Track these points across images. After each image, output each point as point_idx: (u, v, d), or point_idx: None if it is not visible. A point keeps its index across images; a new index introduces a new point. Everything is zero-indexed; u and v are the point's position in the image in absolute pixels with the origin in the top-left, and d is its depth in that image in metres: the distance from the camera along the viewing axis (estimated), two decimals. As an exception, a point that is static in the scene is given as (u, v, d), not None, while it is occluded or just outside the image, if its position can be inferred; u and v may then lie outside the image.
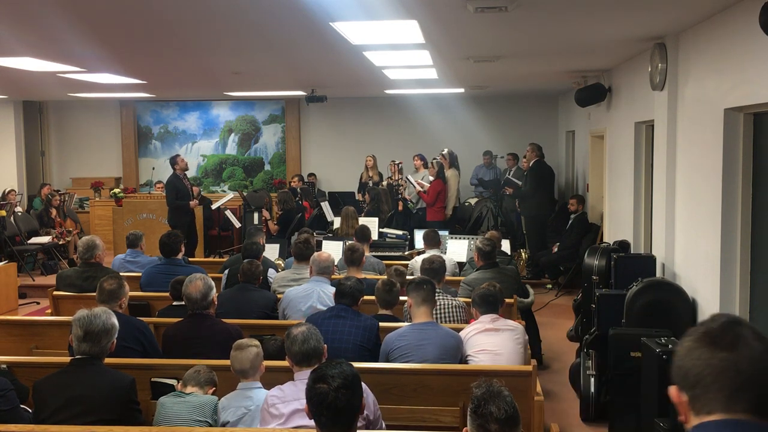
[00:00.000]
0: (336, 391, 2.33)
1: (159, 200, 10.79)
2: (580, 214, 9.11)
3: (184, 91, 11.66)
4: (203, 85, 10.32)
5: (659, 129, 5.77)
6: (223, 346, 3.97)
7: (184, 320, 4.16)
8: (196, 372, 3.38)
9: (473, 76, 8.75)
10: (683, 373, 1.28)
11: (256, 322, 4.68)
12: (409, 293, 4.14)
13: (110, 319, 3.33)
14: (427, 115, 12.50)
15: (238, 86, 10.39)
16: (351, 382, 2.38)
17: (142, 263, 6.33)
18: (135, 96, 12.15)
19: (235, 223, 9.97)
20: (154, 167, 13.27)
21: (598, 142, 9.05)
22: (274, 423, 2.98)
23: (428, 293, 4.09)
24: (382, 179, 11.04)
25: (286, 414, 2.96)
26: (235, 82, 9.44)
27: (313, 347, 3.13)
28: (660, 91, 5.67)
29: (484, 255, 5.49)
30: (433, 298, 4.15)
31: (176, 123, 13.63)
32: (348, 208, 7.98)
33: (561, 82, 9.70)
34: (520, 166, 10.71)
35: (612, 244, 6.37)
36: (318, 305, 4.77)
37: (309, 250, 5.51)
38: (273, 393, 3.08)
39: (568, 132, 11.65)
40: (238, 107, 13.49)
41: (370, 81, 9.27)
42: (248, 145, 13.62)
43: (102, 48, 6.11)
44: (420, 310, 4.07)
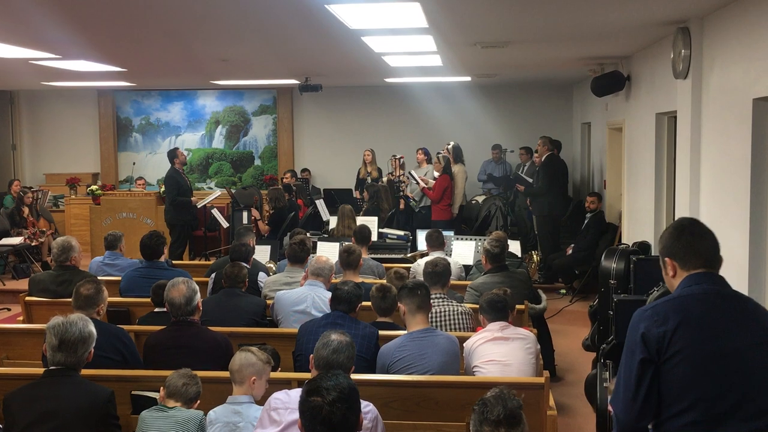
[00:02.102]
0: (331, 404, 2.33)
1: (140, 198, 10.79)
2: (597, 212, 9.11)
3: (167, 80, 11.65)
4: (188, 73, 10.32)
5: (682, 120, 5.77)
6: (210, 355, 3.98)
7: (167, 328, 4.15)
8: (183, 385, 3.35)
9: (481, 63, 8.75)
10: (675, 249, 2.52)
11: (244, 330, 4.69)
12: (402, 300, 4.14)
13: (87, 326, 3.33)
14: (430, 105, 12.50)
15: (225, 74, 10.38)
16: (348, 395, 2.38)
17: (122, 266, 6.33)
18: (114, 85, 12.14)
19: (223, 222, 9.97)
20: (135, 162, 13.27)
21: (616, 134, 9.05)
22: (271, 429, 2.99)
23: (423, 299, 4.09)
24: (382, 175, 11.04)
25: (285, 423, 2.97)
26: (223, 69, 9.44)
27: (341, 362, 3.15)
28: (683, 79, 5.67)
29: (493, 257, 5.49)
30: (428, 304, 4.15)
31: (159, 114, 13.64)
32: (345, 206, 7.98)
33: (576, 70, 9.70)
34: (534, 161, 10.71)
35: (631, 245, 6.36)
36: (312, 311, 4.77)
37: (304, 252, 5.51)
38: (278, 396, 3.09)
39: (584, 124, 11.65)
40: (226, 97, 13.50)
41: (369, 69, 9.26)
42: (237, 139, 13.63)
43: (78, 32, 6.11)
44: (416, 318, 4.07)
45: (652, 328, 2.39)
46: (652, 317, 2.41)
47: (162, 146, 13.49)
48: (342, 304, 4.21)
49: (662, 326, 2.38)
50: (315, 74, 10.14)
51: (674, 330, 2.36)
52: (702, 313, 2.38)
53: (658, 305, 2.45)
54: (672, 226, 2.58)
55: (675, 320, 2.37)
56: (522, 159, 11.22)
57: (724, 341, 2.35)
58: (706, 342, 2.35)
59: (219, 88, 13.13)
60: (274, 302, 4.99)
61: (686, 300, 2.42)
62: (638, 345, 2.40)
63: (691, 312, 2.39)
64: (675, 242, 2.52)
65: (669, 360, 2.36)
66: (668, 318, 2.39)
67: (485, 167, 11.98)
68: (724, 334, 2.36)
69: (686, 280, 2.47)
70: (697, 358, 2.34)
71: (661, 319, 2.39)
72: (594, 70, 9.07)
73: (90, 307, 4.08)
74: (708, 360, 2.34)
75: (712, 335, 2.36)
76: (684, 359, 2.35)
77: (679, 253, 2.50)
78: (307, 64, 9.05)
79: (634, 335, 2.43)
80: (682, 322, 2.37)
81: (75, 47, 6.98)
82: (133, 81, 11.32)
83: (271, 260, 6.90)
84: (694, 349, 2.34)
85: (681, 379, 2.34)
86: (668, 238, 2.54)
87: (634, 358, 2.40)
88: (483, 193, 11.66)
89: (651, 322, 2.40)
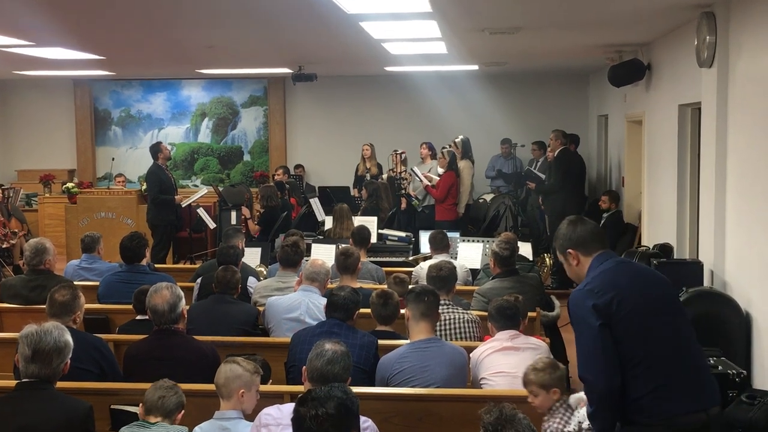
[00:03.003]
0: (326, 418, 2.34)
1: (119, 196, 10.79)
2: (614, 212, 9.12)
3: (149, 69, 11.65)
4: (171, 62, 10.32)
5: (707, 112, 5.77)
6: (196, 367, 3.98)
7: (149, 337, 4.16)
8: (159, 399, 3.32)
9: (489, 50, 8.75)
10: (575, 239, 3.14)
11: (233, 339, 4.69)
12: (407, 304, 4.15)
13: (63, 336, 3.33)
14: (434, 96, 12.50)
15: (212, 63, 10.38)
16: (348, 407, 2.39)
17: (100, 270, 6.33)
18: (91, 74, 12.14)
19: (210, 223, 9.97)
20: (114, 158, 13.27)
21: (635, 128, 9.05)
22: None
23: (430, 306, 4.09)
24: (382, 172, 11.04)
25: None
26: (209, 57, 9.44)
27: (336, 373, 3.17)
28: (708, 68, 5.67)
29: (502, 261, 5.49)
30: (436, 312, 4.15)
31: (140, 106, 13.63)
32: (341, 205, 7.98)
33: (592, 59, 9.71)
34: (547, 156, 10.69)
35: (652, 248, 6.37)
36: (306, 319, 4.77)
37: (297, 255, 5.52)
38: (269, 411, 3.10)
39: (601, 116, 11.65)
40: (213, 87, 13.50)
41: (368, 57, 9.26)
42: (224, 132, 13.63)
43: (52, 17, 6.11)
44: (419, 326, 4.07)
45: (597, 300, 2.95)
46: (592, 292, 2.98)
47: (143, 140, 13.49)
48: (338, 311, 4.21)
49: (604, 297, 2.95)
50: (309, 62, 10.14)
51: (613, 298, 2.95)
52: (627, 281, 3.03)
53: (591, 283, 3.02)
54: (564, 224, 3.22)
55: (611, 291, 2.97)
56: (534, 155, 11.22)
57: (649, 297, 3.03)
58: (639, 302, 2.99)
59: (205, 78, 13.13)
60: (265, 309, 4.99)
61: (608, 273, 3.04)
62: (592, 315, 2.94)
63: (619, 282, 3.01)
64: (572, 235, 3.15)
65: (619, 323, 2.93)
66: (605, 291, 2.97)
67: (494, 163, 11.98)
68: (647, 291, 3.05)
69: (595, 261, 3.10)
70: (639, 317, 2.97)
71: (600, 292, 2.97)
72: (612, 58, 9.07)
73: (66, 314, 4.08)
74: (648, 316, 2.98)
75: (641, 295, 3.01)
76: (631, 320, 2.94)
77: (579, 242, 3.14)
78: (300, 52, 9.05)
79: (583, 310, 2.97)
80: (617, 291, 2.97)
81: (49, 33, 6.98)
82: (111, 70, 11.32)
83: (261, 264, 6.90)
84: (635, 311, 2.97)
85: (633, 336, 2.94)
86: (565, 234, 3.18)
87: (593, 328, 2.93)
88: (491, 191, 11.65)
89: (592, 296, 2.97)
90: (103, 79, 13.03)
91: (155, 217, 9.57)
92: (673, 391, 2.93)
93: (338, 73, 12.39)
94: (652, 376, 2.93)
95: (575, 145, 10.36)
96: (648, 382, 2.92)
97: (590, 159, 12.10)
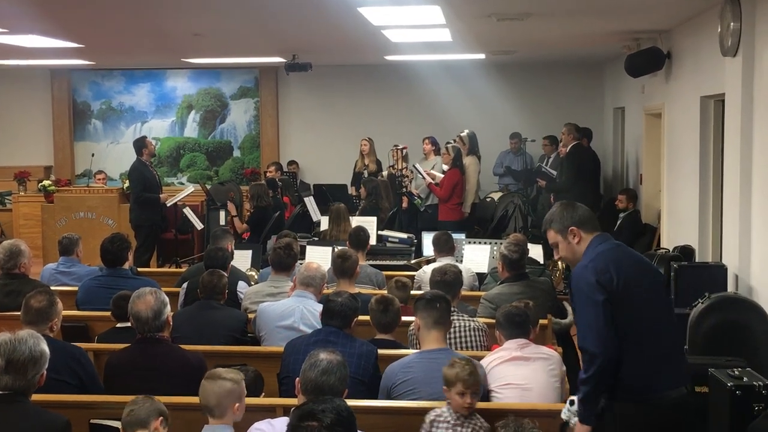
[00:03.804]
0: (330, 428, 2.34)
1: (100, 195, 10.78)
2: (632, 212, 9.12)
3: (132, 58, 11.65)
4: (156, 50, 10.31)
5: (731, 105, 5.77)
6: (182, 378, 3.98)
7: (131, 346, 4.15)
8: (129, 413, 3.24)
9: (497, 38, 8.74)
10: (576, 218, 3.52)
11: (221, 348, 4.69)
12: (417, 312, 4.15)
13: (39, 345, 3.32)
14: (438, 87, 12.49)
15: (199, 51, 10.38)
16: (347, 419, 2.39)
17: (79, 274, 6.33)
18: (70, 64, 12.14)
19: (197, 224, 9.97)
20: (94, 153, 13.24)
21: (654, 121, 9.06)
22: None
23: (442, 313, 4.10)
24: (382, 169, 11.03)
25: None
26: (196, 45, 9.43)
27: (332, 384, 3.18)
28: (732, 57, 5.67)
29: (511, 264, 5.49)
30: (448, 320, 4.16)
31: (122, 98, 13.63)
32: (338, 205, 7.98)
33: (608, 47, 9.71)
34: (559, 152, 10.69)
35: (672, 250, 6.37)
36: (301, 326, 4.77)
37: (291, 258, 5.51)
38: (260, 426, 3.10)
39: (617, 109, 11.65)
40: (200, 78, 13.49)
41: (367, 45, 9.26)
42: (212, 126, 13.63)
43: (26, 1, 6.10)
44: (431, 335, 4.08)
45: (600, 276, 3.35)
46: (595, 269, 3.37)
47: (125, 135, 13.48)
48: (335, 318, 4.21)
49: (606, 274, 3.35)
50: (304, 51, 10.13)
51: (614, 276, 3.35)
52: (627, 263, 3.47)
53: (594, 261, 3.41)
54: (559, 207, 3.62)
55: (613, 269, 3.38)
56: (545, 150, 11.21)
57: (644, 281, 3.48)
58: (637, 283, 3.42)
59: (192, 68, 13.12)
60: (257, 316, 4.99)
61: (608, 254, 3.46)
62: (596, 290, 3.33)
63: (620, 262, 3.43)
64: (573, 214, 3.55)
65: (620, 301, 3.33)
66: (607, 268, 3.37)
67: (502, 159, 11.97)
68: (642, 275, 3.50)
69: (594, 241, 3.51)
70: (636, 297, 3.39)
71: (603, 270, 3.37)
72: (629, 46, 9.07)
73: (42, 322, 4.08)
74: (643, 297, 3.41)
75: (637, 277, 3.45)
76: (630, 298, 3.36)
77: (581, 220, 3.54)
78: (294, 39, 9.05)
79: (588, 285, 3.35)
80: (618, 271, 3.39)
81: (23, 19, 6.97)
82: (91, 59, 11.32)
83: (252, 267, 6.90)
84: (633, 291, 3.39)
85: (628, 314, 3.34)
86: (565, 215, 3.56)
87: (597, 303, 3.33)
88: (499, 190, 11.64)
89: (596, 273, 3.35)
90: (82, 69, 13.03)
91: (138, 218, 9.56)
92: (659, 368, 3.38)
93: (335, 63, 12.39)
94: (641, 353, 3.37)
95: (588, 139, 10.36)
96: (636, 358, 3.35)
97: (606, 155, 12.09)
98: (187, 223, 10.15)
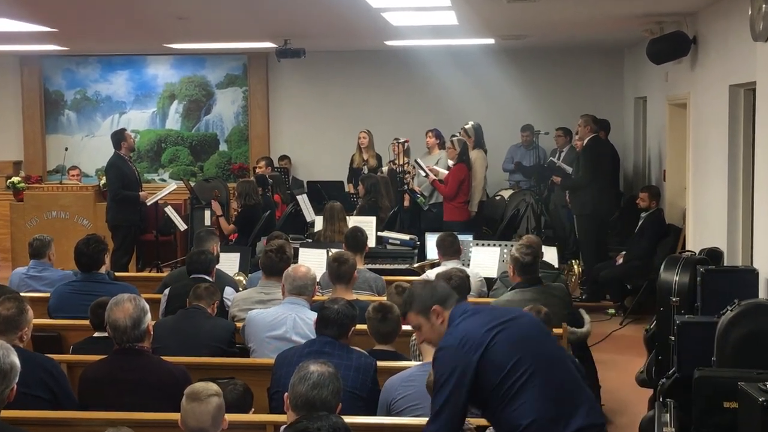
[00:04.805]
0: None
1: (74, 193, 10.78)
2: (654, 211, 9.11)
3: (109, 44, 11.64)
4: (135, 35, 10.30)
5: (763, 94, 5.77)
6: (164, 393, 3.98)
7: (108, 358, 4.15)
8: None
9: (507, 21, 8.74)
10: (437, 296, 3.51)
11: (207, 360, 4.69)
12: None
13: (8, 356, 3.32)
14: (443, 75, 12.49)
15: (182, 36, 10.37)
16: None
17: (51, 279, 6.34)
18: (41, 50, 12.13)
19: (180, 224, 9.97)
20: (68, 147, 13.21)
21: (679, 112, 9.06)
22: None
23: None
24: (382, 164, 11.03)
25: None
26: (179, 29, 9.43)
27: (324, 399, 3.18)
28: (764, 42, 5.67)
29: (523, 268, 5.49)
30: None
31: (98, 87, 13.62)
32: (334, 203, 7.98)
33: (628, 31, 9.70)
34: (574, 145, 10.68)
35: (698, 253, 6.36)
36: (293, 336, 4.77)
37: (283, 262, 5.51)
38: None
39: (638, 99, 11.64)
40: (184, 65, 13.49)
41: (366, 28, 9.26)
42: (197, 118, 13.62)
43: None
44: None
45: (460, 349, 3.27)
46: (462, 348, 3.27)
47: (102, 127, 13.48)
48: (330, 327, 4.21)
49: (465, 346, 3.28)
50: (297, 35, 10.13)
51: (476, 344, 3.27)
52: (482, 320, 3.38)
53: (459, 337, 3.32)
54: (417, 287, 3.63)
55: (473, 337, 3.30)
56: (558, 143, 11.20)
57: (521, 323, 3.46)
58: (513, 330, 3.37)
59: (174, 54, 13.12)
60: (245, 325, 4.98)
61: (467, 323, 3.38)
62: (461, 366, 3.25)
63: (477, 327, 3.34)
64: (434, 293, 3.54)
65: (495, 356, 3.27)
66: (466, 339, 3.30)
67: (512, 153, 11.97)
68: (517, 318, 3.49)
69: (456, 312, 3.44)
70: (519, 342, 3.35)
71: (474, 348, 3.27)
72: (651, 30, 9.07)
73: (11, 331, 4.08)
74: (527, 340, 3.38)
75: (513, 323, 3.41)
76: (510, 346, 3.30)
77: (441, 298, 3.51)
78: (286, 23, 9.05)
79: (452, 363, 3.27)
80: (478, 337, 3.30)
81: (-9, 1, 6.98)
82: (65, 44, 11.31)
83: (240, 272, 6.91)
84: (512, 339, 3.34)
85: (516, 363, 3.27)
86: (425, 294, 3.53)
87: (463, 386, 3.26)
88: (510, 187, 11.64)
89: (467, 352, 3.26)
90: (55, 55, 13.02)
91: (116, 217, 9.56)
92: (561, 412, 3.27)
93: (330, 48, 12.38)
94: (545, 396, 3.26)
95: (605, 132, 10.35)
96: (541, 402, 3.24)
97: (626, 149, 12.09)
98: (169, 223, 10.15)
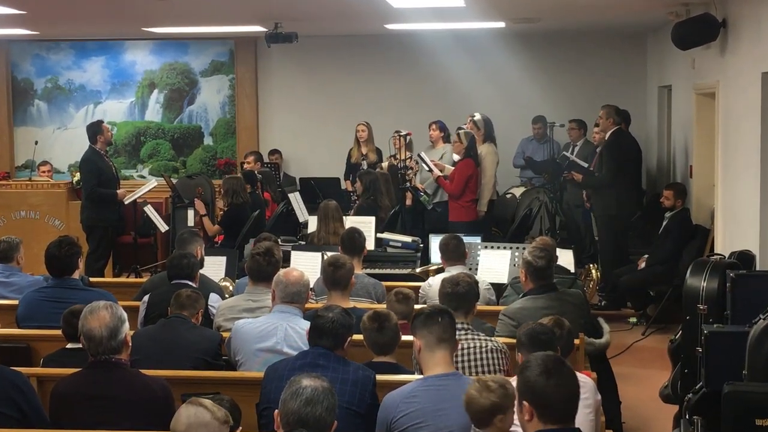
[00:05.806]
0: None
1: (45, 191, 10.78)
2: (680, 211, 9.12)
3: (83, 27, 11.63)
4: (111, 17, 10.30)
5: (799, 83, 5.77)
6: (143, 409, 3.97)
7: (82, 371, 4.15)
8: None
9: (518, 3, 8.74)
10: None
11: (190, 374, 4.69)
12: (416, 331, 4.13)
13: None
14: (448, 62, 12.50)
15: (163, 19, 10.37)
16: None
17: (20, 285, 6.33)
18: (8, 34, 12.13)
19: (160, 225, 9.97)
20: (38, 141, 13.22)
21: (707, 102, 9.06)
22: None
23: (446, 329, 4.08)
24: (382, 159, 11.03)
25: None
26: (160, 11, 9.43)
27: (318, 416, 3.19)
28: (800, 25, 5.67)
29: (536, 273, 5.48)
30: (453, 336, 4.15)
31: (70, 74, 13.61)
32: (329, 202, 7.98)
33: (651, 13, 9.70)
34: (590, 139, 10.67)
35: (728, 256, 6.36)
36: (284, 348, 4.77)
37: (272, 266, 5.51)
38: None
39: (662, 88, 11.64)
40: (165, 51, 13.48)
41: (364, 10, 9.26)
42: (179, 108, 13.62)
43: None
44: (435, 356, 4.06)
45: None
46: None
47: (75, 119, 13.47)
48: (325, 337, 4.21)
49: None
50: (288, 18, 10.12)
51: None
52: None
53: None
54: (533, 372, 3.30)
55: None
56: (572, 136, 11.19)
57: None
58: None
59: (155, 38, 13.11)
60: (232, 336, 4.99)
61: None
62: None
63: None
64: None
65: None
66: None
67: (524, 148, 11.96)
68: None
69: None
70: None
71: None
72: (676, 13, 9.06)
73: (-25, 342, 4.08)
74: None
75: None
76: None
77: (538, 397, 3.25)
78: (277, 4, 9.05)
79: None
80: None
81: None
82: (34, 28, 11.31)
83: (226, 277, 6.90)
84: None
85: None
86: None
87: None
88: (522, 184, 11.64)
89: None
90: (24, 39, 13.02)
91: (91, 217, 9.55)
92: None
93: (325, 33, 12.38)
94: None
95: (626, 124, 10.33)
96: None
97: (648, 143, 12.09)
98: (148, 224, 10.15)
